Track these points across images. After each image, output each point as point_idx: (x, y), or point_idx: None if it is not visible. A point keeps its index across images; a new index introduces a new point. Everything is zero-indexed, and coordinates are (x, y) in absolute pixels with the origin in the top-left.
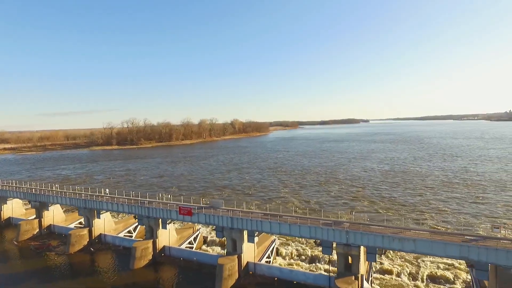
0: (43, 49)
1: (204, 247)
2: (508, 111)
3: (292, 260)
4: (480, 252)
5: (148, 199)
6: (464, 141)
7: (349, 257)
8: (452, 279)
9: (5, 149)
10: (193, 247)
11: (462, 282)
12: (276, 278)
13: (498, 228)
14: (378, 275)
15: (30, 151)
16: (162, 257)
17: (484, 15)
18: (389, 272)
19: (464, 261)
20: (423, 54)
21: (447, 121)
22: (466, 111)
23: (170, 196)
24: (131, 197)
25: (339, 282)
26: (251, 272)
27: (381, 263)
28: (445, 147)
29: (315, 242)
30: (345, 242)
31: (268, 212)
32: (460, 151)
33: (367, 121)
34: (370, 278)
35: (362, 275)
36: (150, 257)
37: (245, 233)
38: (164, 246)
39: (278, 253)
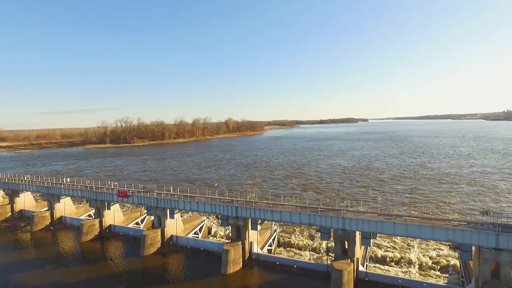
0: (43, 48)
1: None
2: (506, 111)
3: (220, 238)
4: (326, 220)
5: (96, 185)
6: (443, 139)
7: (238, 228)
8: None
9: (1, 147)
10: (140, 227)
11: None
12: (189, 247)
13: (343, 201)
14: (295, 249)
15: (25, 149)
16: (107, 233)
17: (484, 15)
18: (293, 245)
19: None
20: (423, 54)
21: (444, 121)
22: (465, 111)
23: (117, 183)
24: (83, 184)
25: (226, 246)
26: (171, 243)
27: (288, 237)
28: (421, 145)
29: (216, 216)
30: (235, 215)
31: (186, 194)
32: (433, 148)
33: (366, 120)
34: (271, 248)
35: (251, 242)
36: (96, 232)
37: (168, 211)
38: (110, 225)
39: (210, 232)
